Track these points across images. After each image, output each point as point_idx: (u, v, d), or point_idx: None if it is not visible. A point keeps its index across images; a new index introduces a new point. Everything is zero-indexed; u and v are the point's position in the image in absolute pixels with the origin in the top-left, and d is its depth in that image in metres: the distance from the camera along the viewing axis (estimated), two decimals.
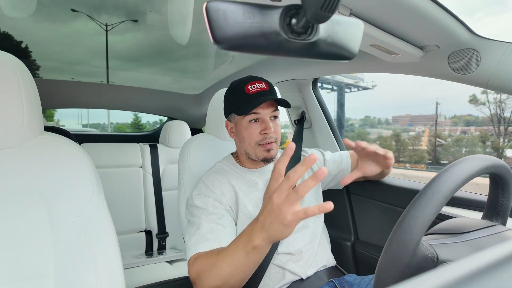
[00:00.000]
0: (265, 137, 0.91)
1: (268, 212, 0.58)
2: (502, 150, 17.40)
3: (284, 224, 0.56)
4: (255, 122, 0.92)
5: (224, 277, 0.68)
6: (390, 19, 0.73)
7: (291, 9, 0.34)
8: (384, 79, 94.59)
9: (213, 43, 0.32)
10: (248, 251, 0.63)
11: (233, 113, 0.95)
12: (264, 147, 0.92)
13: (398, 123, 33.13)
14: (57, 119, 18.08)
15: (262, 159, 0.94)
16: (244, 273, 0.68)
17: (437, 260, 0.50)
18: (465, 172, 0.50)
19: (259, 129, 0.92)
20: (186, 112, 2.39)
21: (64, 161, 0.72)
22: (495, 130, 18.22)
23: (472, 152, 19.30)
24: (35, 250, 0.64)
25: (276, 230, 0.58)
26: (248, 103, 0.89)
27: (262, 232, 0.61)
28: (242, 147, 0.97)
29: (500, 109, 17.58)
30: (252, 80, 0.92)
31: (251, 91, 0.90)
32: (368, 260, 1.24)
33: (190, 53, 2.14)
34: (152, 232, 1.96)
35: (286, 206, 0.56)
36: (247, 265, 0.66)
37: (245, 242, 0.64)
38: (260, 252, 0.64)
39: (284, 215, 0.56)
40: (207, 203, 0.87)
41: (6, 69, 0.65)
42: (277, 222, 0.57)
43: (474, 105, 18.75)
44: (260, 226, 0.61)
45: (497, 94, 16.85)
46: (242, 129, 0.93)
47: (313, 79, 1.50)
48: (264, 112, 0.91)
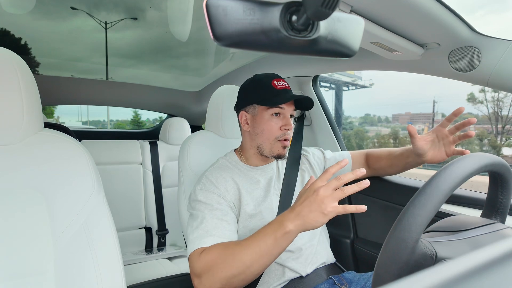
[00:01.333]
0: (284, 133, 0.93)
1: (310, 202, 0.66)
2: (499, 148, 17.61)
3: (323, 213, 0.65)
4: (277, 116, 0.94)
5: (244, 266, 0.70)
6: (391, 17, 0.73)
7: (291, 6, 0.34)
8: (382, 77, 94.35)
9: (213, 40, 0.32)
10: (277, 237, 0.68)
11: (255, 104, 0.95)
12: (282, 143, 0.94)
13: (398, 121, 33.11)
14: (57, 116, 18.09)
15: (275, 155, 0.95)
16: (266, 261, 0.71)
17: (436, 258, 0.50)
18: (464, 170, 0.50)
19: (280, 124, 0.93)
20: (186, 109, 2.39)
21: (64, 158, 0.72)
22: (493, 129, 18.42)
23: (469, 150, 19.67)
24: (35, 247, 0.65)
25: (312, 218, 0.65)
26: (276, 97, 0.91)
27: (296, 219, 0.67)
28: (255, 140, 0.96)
29: (497, 108, 17.86)
30: (277, 77, 0.96)
31: (278, 87, 0.93)
32: (367, 258, 1.25)
33: (190, 50, 2.13)
34: (152, 228, 1.97)
35: (329, 200, 0.65)
36: (272, 253, 0.70)
37: (275, 228, 0.69)
38: (289, 238, 0.68)
39: (326, 206, 0.64)
40: (211, 198, 0.87)
41: (5, 66, 0.65)
42: (318, 210, 0.65)
43: (472, 104, 19.07)
44: (295, 214, 0.67)
45: (495, 92, 17.09)
46: (263, 122, 0.94)
47: (314, 77, 1.50)
48: (288, 109, 0.94)
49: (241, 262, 0.70)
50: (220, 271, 0.71)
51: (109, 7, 1.85)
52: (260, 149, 0.96)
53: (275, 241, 0.68)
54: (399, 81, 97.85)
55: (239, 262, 0.70)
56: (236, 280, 0.71)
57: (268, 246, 0.69)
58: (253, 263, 0.70)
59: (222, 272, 0.71)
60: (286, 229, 0.67)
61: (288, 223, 0.67)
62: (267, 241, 0.69)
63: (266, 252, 0.69)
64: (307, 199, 0.67)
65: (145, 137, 2.33)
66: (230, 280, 0.71)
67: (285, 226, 0.67)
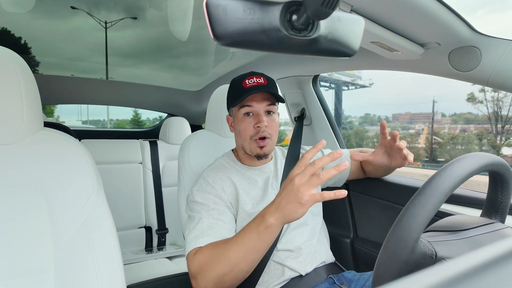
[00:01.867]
0: (258, 130, 0.91)
1: (287, 193, 0.64)
2: (499, 148, 17.65)
3: (300, 203, 0.62)
4: (249, 116, 0.93)
5: (231, 264, 0.70)
6: (391, 16, 0.73)
7: (291, 5, 0.34)
8: (382, 76, 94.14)
9: (213, 39, 0.32)
10: (260, 231, 0.67)
11: (231, 107, 0.97)
12: (258, 143, 0.92)
13: (398, 120, 33.18)
14: (57, 115, 18.11)
15: (255, 155, 0.95)
16: (253, 257, 0.70)
17: (436, 257, 0.50)
18: (464, 170, 0.50)
19: (253, 123, 0.92)
20: (186, 109, 2.39)
21: (64, 157, 0.71)
22: (492, 128, 18.52)
23: (468, 150, 19.72)
24: (35, 246, 0.65)
25: (291, 209, 0.63)
26: (241, 95, 0.90)
27: (276, 211, 0.65)
28: (239, 141, 0.98)
29: (497, 107, 18.03)
30: (251, 75, 0.94)
31: (248, 85, 0.91)
32: (367, 257, 1.25)
33: (190, 49, 2.13)
34: (152, 228, 1.97)
35: (305, 188, 0.62)
36: (257, 249, 0.69)
37: (258, 223, 0.68)
38: (272, 232, 0.67)
39: (302, 195, 0.62)
40: (208, 199, 0.88)
41: (5, 65, 0.64)
42: (294, 201, 0.62)
43: (472, 104, 19.21)
44: (275, 206, 0.66)
45: (495, 92, 17.15)
46: (238, 122, 0.95)
47: (314, 76, 1.50)
48: (258, 106, 0.92)
49: (228, 260, 0.70)
50: (211, 271, 0.72)
51: (109, 6, 1.85)
52: (244, 149, 0.96)
53: (259, 235, 0.68)
54: (399, 81, 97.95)
55: (226, 261, 0.70)
56: (227, 278, 0.71)
57: (252, 242, 0.68)
58: (240, 260, 0.70)
59: (213, 271, 0.71)
60: (267, 223, 0.66)
61: (268, 216, 0.66)
62: (251, 237, 0.69)
63: (252, 248, 0.69)
64: (284, 189, 0.65)
65: (145, 137, 2.33)
66: (222, 279, 0.72)
67: (266, 220, 0.66)
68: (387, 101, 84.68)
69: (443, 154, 19.86)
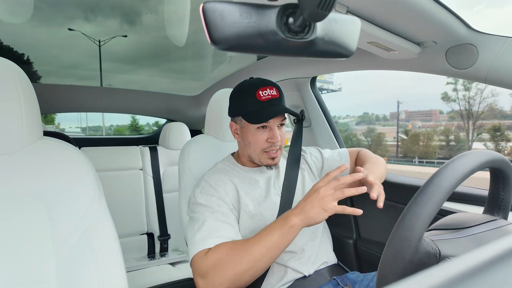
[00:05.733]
0: (271, 145, 0.93)
1: (312, 200, 0.74)
2: (463, 142, 18.85)
3: (324, 209, 0.72)
4: (263, 129, 0.92)
5: (254, 260, 0.74)
6: (387, 16, 0.73)
7: (287, 8, 0.34)
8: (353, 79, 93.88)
9: (210, 44, 0.32)
10: (284, 231, 0.74)
11: (241, 117, 0.94)
12: (269, 155, 0.94)
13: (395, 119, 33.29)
14: (57, 122, 18.15)
15: (265, 165, 0.97)
16: (274, 254, 0.76)
17: (440, 256, 0.50)
18: (465, 167, 0.50)
19: (266, 137, 0.92)
20: (185, 114, 2.39)
21: (64, 166, 0.71)
22: (464, 125, 20.38)
23: (427, 146, 21.03)
24: (37, 255, 0.64)
25: (314, 213, 0.73)
26: (259, 112, 0.89)
27: (300, 213, 0.74)
28: (246, 151, 0.97)
29: (468, 105, 20.13)
30: (263, 86, 0.91)
31: (263, 98, 0.89)
32: (371, 258, 1.24)
33: (187, 53, 2.14)
34: (154, 234, 1.96)
35: (329, 198, 0.72)
36: (279, 247, 0.75)
37: (281, 224, 0.75)
38: (294, 232, 0.74)
39: (326, 203, 0.72)
40: (211, 201, 0.88)
41: (4, 76, 0.65)
42: (318, 207, 0.72)
43: (446, 102, 20.74)
44: (299, 210, 0.75)
45: (466, 91, 19.29)
46: (249, 135, 0.93)
47: (311, 78, 1.50)
48: (274, 121, 0.92)
49: (252, 256, 0.74)
50: (231, 268, 0.73)
51: (105, 12, 1.86)
52: (251, 158, 0.97)
53: (282, 234, 0.74)
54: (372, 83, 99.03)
55: (250, 257, 0.74)
56: (246, 275, 0.74)
57: (275, 240, 0.74)
58: (262, 256, 0.74)
59: (233, 268, 0.73)
60: (292, 223, 0.74)
61: (293, 217, 0.74)
62: (274, 235, 0.74)
63: (274, 245, 0.74)
64: (309, 197, 0.75)
65: (144, 143, 2.33)
66: (240, 275, 0.73)
67: (290, 220, 0.74)
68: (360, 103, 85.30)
69: (405, 150, 21.58)
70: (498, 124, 20.53)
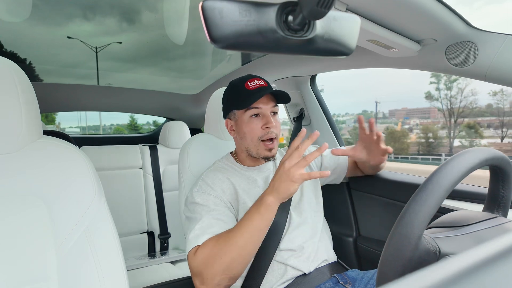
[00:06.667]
0: (266, 131, 0.93)
1: (279, 175, 0.75)
2: (440, 138, 19.66)
3: (292, 181, 0.72)
4: (256, 117, 0.93)
5: (238, 248, 0.74)
6: (387, 14, 0.73)
7: (287, 6, 0.34)
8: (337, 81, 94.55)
9: (210, 42, 0.32)
10: (261, 211, 0.75)
11: (234, 110, 0.96)
12: (266, 146, 0.94)
13: (394, 116, 33.39)
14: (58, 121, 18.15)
15: (263, 157, 0.96)
16: (258, 238, 0.77)
17: (440, 254, 0.50)
18: (465, 165, 0.50)
19: (261, 124, 0.93)
20: (185, 112, 2.39)
21: (64, 165, 0.71)
22: (446, 123, 21.75)
23: (402, 143, 23.05)
24: (37, 254, 0.64)
25: (285, 187, 0.73)
26: (249, 97, 0.91)
27: (272, 191, 0.75)
28: (243, 144, 0.97)
29: (450, 104, 21.63)
30: (251, 78, 0.95)
31: (251, 87, 0.92)
32: (371, 255, 1.24)
33: (187, 52, 2.13)
34: (154, 233, 1.96)
35: (295, 169, 0.72)
36: (261, 228, 0.76)
37: (257, 205, 0.77)
38: (271, 211, 0.76)
39: (293, 174, 0.72)
40: (208, 200, 0.88)
41: (3, 75, 0.64)
42: (286, 180, 0.73)
43: (430, 101, 21.94)
44: (271, 188, 0.76)
45: (448, 90, 20.86)
46: (243, 125, 0.94)
47: (311, 76, 1.50)
48: (265, 107, 0.93)
49: (235, 245, 0.75)
50: (219, 260, 0.74)
51: (104, 10, 1.85)
52: (249, 151, 0.97)
53: (260, 215, 0.75)
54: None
55: (233, 246, 0.75)
56: (235, 264, 0.75)
57: (255, 223, 0.75)
58: (246, 243, 0.75)
59: (221, 259, 0.74)
60: (267, 202, 0.75)
61: (267, 196, 0.75)
62: (254, 218, 0.76)
63: (255, 228, 0.75)
64: (277, 173, 0.76)
65: (144, 142, 2.32)
66: (229, 266, 0.74)
67: (265, 200, 0.75)
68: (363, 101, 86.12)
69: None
70: (473, 122, 22.26)
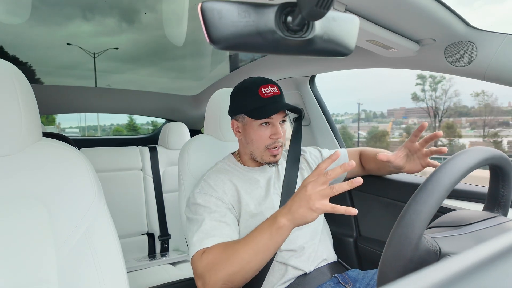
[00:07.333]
0: (274, 141, 0.93)
1: (299, 198, 0.67)
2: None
3: (311, 209, 0.65)
4: (266, 125, 0.93)
5: (242, 263, 0.72)
6: (386, 14, 0.73)
7: (286, 6, 0.34)
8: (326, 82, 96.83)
9: (209, 43, 0.32)
10: (272, 232, 0.70)
11: (244, 114, 0.95)
12: (271, 152, 0.94)
13: (393, 116, 33.49)
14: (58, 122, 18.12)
15: (267, 162, 0.96)
16: (264, 257, 0.73)
17: (440, 253, 0.50)
18: (465, 164, 0.50)
19: (269, 133, 0.93)
20: (184, 114, 2.39)
21: (64, 166, 0.71)
22: (432, 122, 22.81)
23: (384, 141, 24.10)
24: (37, 256, 0.64)
25: (302, 213, 0.66)
26: (263, 108, 0.90)
27: (288, 214, 0.68)
28: (247, 148, 0.97)
29: (435, 104, 22.65)
30: (265, 83, 0.92)
31: (265, 95, 0.90)
32: (371, 256, 1.24)
33: (186, 52, 2.14)
34: (154, 234, 1.96)
35: (317, 196, 0.65)
36: (268, 248, 0.71)
37: (269, 224, 0.71)
38: (283, 233, 0.70)
39: (313, 202, 0.65)
40: (210, 201, 0.88)
41: (3, 77, 0.64)
42: (306, 206, 0.66)
43: (416, 102, 23.87)
44: (287, 209, 0.69)
45: (433, 91, 22.01)
46: (252, 132, 0.94)
47: (311, 77, 1.50)
48: (276, 118, 0.92)
49: (240, 258, 0.72)
50: (221, 269, 0.73)
51: (104, 11, 1.86)
52: (253, 156, 0.97)
53: (271, 236, 0.70)
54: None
55: (238, 259, 0.72)
56: (237, 276, 0.73)
57: (264, 241, 0.71)
58: (251, 258, 0.72)
59: (224, 269, 0.73)
60: (280, 224, 0.69)
61: (281, 218, 0.69)
62: (263, 237, 0.71)
63: (263, 247, 0.71)
64: (297, 195, 0.69)
65: (144, 143, 2.32)
66: (231, 277, 0.73)
67: (279, 221, 0.69)
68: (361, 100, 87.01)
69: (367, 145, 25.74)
70: (451, 122, 23.44)
